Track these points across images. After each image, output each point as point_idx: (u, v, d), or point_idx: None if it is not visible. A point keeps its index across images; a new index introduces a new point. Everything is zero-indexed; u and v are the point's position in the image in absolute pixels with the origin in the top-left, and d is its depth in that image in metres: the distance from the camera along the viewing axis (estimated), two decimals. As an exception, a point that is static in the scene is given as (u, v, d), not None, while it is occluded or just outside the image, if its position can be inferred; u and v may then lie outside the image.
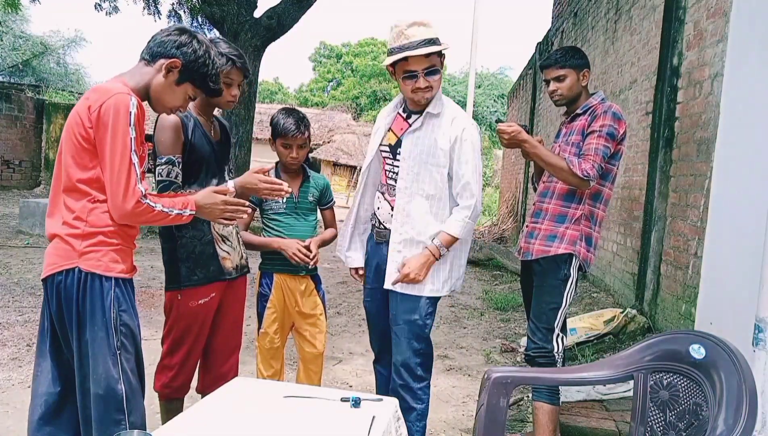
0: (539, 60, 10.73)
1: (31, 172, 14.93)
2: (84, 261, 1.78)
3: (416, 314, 2.42)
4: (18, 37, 24.19)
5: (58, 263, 1.79)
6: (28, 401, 1.94)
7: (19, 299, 5.27)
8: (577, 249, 2.57)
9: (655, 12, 4.99)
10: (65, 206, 1.82)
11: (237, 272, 2.43)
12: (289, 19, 9.56)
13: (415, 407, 2.46)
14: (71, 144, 1.80)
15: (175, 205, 1.87)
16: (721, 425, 1.58)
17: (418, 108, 2.41)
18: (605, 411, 3.15)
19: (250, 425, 1.67)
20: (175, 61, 1.87)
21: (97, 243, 1.80)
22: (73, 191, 1.81)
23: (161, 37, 1.90)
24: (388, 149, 2.47)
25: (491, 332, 5.18)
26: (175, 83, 1.90)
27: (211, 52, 1.95)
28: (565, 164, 2.49)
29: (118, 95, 1.75)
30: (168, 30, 1.94)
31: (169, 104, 1.94)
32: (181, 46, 1.88)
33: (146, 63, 1.90)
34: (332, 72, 36.77)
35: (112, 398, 1.79)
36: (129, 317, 1.86)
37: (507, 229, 12.18)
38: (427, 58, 2.27)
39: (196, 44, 1.90)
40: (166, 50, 1.88)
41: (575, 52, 2.68)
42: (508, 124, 2.56)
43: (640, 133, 5.12)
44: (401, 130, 2.44)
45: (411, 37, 2.24)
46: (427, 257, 2.36)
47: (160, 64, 1.87)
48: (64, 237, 1.80)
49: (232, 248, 2.39)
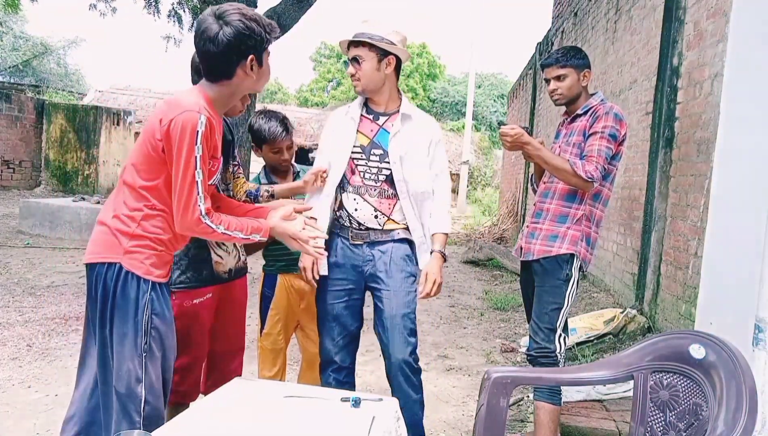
0: (539, 60, 10.74)
1: (31, 172, 14.92)
2: (127, 259, 1.81)
3: (410, 308, 2.47)
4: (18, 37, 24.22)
5: (102, 253, 1.82)
6: (29, 401, 1.94)
7: (19, 299, 5.27)
8: (578, 249, 2.57)
9: (655, 12, 4.99)
10: (124, 201, 1.84)
11: (231, 275, 2.40)
12: (289, 19, 9.55)
13: (416, 398, 2.50)
14: (143, 149, 1.82)
15: (242, 228, 1.89)
16: (721, 425, 1.58)
17: (374, 105, 2.52)
18: (605, 411, 3.15)
19: (250, 425, 1.67)
20: (251, 57, 1.80)
21: (143, 246, 1.83)
22: (134, 190, 1.83)
23: (216, 50, 1.77)
24: (360, 150, 2.49)
25: (491, 332, 5.18)
26: (259, 66, 1.85)
27: (251, 19, 1.81)
28: (568, 166, 2.49)
29: (187, 113, 1.74)
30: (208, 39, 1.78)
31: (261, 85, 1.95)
32: (245, 39, 1.78)
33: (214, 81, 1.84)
34: (332, 72, 36.78)
35: (132, 398, 1.80)
36: (161, 322, 1.87)
37: (507, 229, 12.18)
38: (355, 48, 2.41)
39: (244, 25, 1.77)
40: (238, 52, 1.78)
41: (576, 52, 2.68)
42: (511, 127, 2.55)
43: (640, 133, 5.12)
44: (372, 131, 2.49)
45: (356, 30, 2.43)
46: (439, 261, 2.49)
47: (243, 69, 1.81)
48: (113, 230, 1.82)
49: (226, 252, 2.35)
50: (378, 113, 2.52)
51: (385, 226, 2.48)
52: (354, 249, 2.49)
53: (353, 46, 2.42)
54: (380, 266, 2.46)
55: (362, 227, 2.48)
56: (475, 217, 16.70)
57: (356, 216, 2.48)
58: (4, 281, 5.94)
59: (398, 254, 2.48)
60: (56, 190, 14.46)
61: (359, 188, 2.48)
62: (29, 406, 3.12)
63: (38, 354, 3.95)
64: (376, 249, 2.48)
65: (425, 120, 2.58)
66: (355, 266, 2.49)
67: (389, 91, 2.50)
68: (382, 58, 2.41)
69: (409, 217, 2.49)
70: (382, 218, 2.47)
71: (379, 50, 2.39)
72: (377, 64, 2.41)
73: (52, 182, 14.75)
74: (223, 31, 1.75)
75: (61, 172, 14.86)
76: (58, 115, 14.67)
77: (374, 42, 2.37)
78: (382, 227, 2.48)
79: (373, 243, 2.48)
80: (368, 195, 2.47)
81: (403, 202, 2.47)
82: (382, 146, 2.47)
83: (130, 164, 1.86)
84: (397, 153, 2.45)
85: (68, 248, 7.79)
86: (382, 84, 2.46)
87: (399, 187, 2.45)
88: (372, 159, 2.47)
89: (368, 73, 2.42)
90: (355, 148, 2.49)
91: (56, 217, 8.75)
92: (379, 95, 2.50)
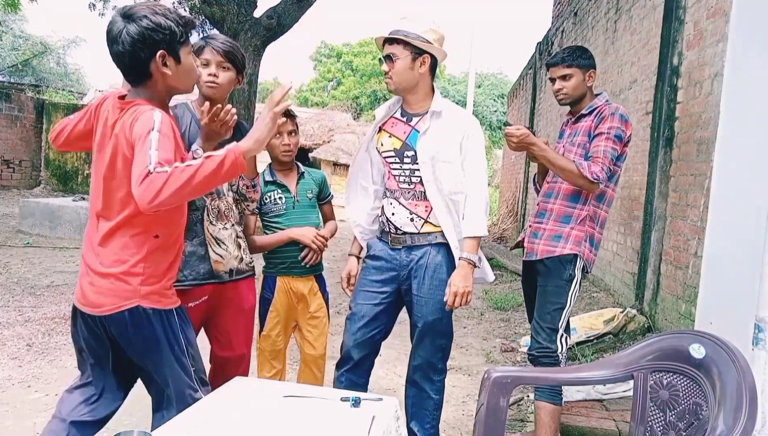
0: (539, 60, 10.73)
1: (31, 172, 14.93)
2: (145, 300, 1.78)
3: (438, 315, 2.42)
4: (18, 37, 24.19)
5: (117, 303, 1.77)
6: (28, 400, 1.94)
7: (19, 299, 5.27)
8: (581, 250, 2.57)
9: (655, 12, 4.98)
10: (122, 246, 1.79)
11: (231, 276, 2.32)
12: (289, 18, 9.54)
13: (433, 398, 2.51)
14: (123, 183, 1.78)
15: (197, 157, 1.66)
16: (721, 425, 1.58)
17: (408, 107, 2.47)
18: (605, 411, 3.14)
19: (250, 425, 1.67)
20: (161, 53, 1.75)
21: (158, 285, 1.81)
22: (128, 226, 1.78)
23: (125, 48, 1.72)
24: (394, 154, 2.46)
25: (491, 332, 5.18)
26: (176, 63, 1.78)
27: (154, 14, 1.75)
28: (574, 167, 2.48)
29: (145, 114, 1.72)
30: (118, 38, 1.73)
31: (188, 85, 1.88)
32: (151, 34, 1.72)
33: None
34: (332, 71, 36.72)
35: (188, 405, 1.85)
36: (190, 332, 1.91)
37: (507, 229, 12.18)
38: (390, 45, 2.35)
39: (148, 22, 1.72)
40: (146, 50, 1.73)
41: (582, 52, 2.67)
42: (517, 128, 2.53)
43: (640, 133, 5.12)
44: (404, 133, 2.45)
45: (393, 27, 2.37)
46: (465, 269, 2.36)
47: (156, 66, 1.76)
48: (120, 276, 1.77)
49: (227, 252, 2.29)
50: (411, 115, 2.46)
51: (423, 229, 2.43)
52: (393, 253, 2.48)
53: (388, 43, 2.35)
54: (415, 272, 2.43)
55: (399, 232, 2.46)
56: (475, 216, 16.66)
57: (393, 220, 2.46)
58: (4, 280, 5.94)
59: (434, 260, 2.41)
60: (56, 189, 14.47)
61: (395, 192, 2.47)
62: (29, 406, 3.12)
63: (38, 354, 3.95)
64: (413, 254, 2.44)
65: (457, 114, 2.46)
66: (393, 268, 2.48)
67: (424, 91, 2.43)
68: (417, 56, 2.34)
69: (443, 220, 2.40)
70: (419, 221, 2.43)
71: (414, 48, 2.33)
72: (411, 62, 2.34)
73: (52, 182, 14.76)
74: (127, 29, 1.70)
75: (60, 172, 14.88)
76: (58, 115, 14.66)
77: (409, 39, 2.31)
78: (419, 230, 2.43)
79: (411, 248, 2.45)
80: (403, 199, 2.44)
81: (435, 204, 2.39)
82: (413, 147, 2.42)
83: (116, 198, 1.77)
84: (427, 153, 2.38)
85: (68, 248, 7.79)
86: (415, 83, 2.39)
87: (429, 189, 2.39)
88: (405, 162, 2.43)
89: (401, 71, 2.35)
90: (389, 153, 2.47)
91: (56, 216, 8.75)
92: (413, 95, 2.43)
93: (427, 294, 2.41)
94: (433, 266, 2.41)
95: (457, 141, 2.39)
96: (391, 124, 2.50)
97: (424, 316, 2.42)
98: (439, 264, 2.41)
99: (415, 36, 2.32)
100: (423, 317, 2.42)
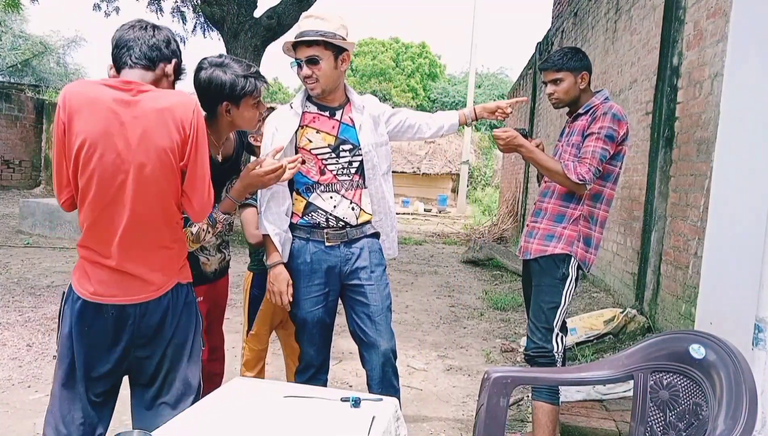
0: (539, 60, 10.73)
1: (31, 172, 14.94)
2: (180, 275, 1.89)
3: (390, 299, 2.52)
4: (18, 36, 24.20)
5: (164, 287, 1.83)
6: (28, 400, 1.94)
7: (19, 299, 5.28)
8: (573, 250, 2.57)
9: (655, 12, 4.99)
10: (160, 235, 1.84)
11: (216, 275, 2.42)
12: (289, 18, 9.55)
13: (398, 388, 2.52)
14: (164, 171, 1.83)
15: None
16: (721, 425, 1.58)
17: (325, 102, 2.44)
18: (605, 411, 3.15)
19: (250, 425, 1.67)
20: (176, 62, 1.86)
21: (183, 256, 1.93)
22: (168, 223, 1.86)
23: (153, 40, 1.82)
24: (329, 149, 2.41)
25: (491, 332, 5.18)
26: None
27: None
28: (560, 168, 2.51)
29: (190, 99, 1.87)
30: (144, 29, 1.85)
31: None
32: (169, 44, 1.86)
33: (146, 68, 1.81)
34: (332, 72, 36.70)
35: (190, 394, 1.91)
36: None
37: (507, 229, 12.18)
38: (309, 48, 2.29)
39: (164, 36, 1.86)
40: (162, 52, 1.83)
41: (573, 54, 2.65)
42: (503, 130, 2.59)
43: (640, 133, 5.12)
44: (333, 128, 2.43)
45: (302, 28, 2.32)
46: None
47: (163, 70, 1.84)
48: (167, 262, 1.85)
49: (211, 256, 2.36)
50: (332, 108, 2.45)
51: (360, 218, 2.46)
52: (329, 251, 2.44)
53: (305, 46, 2.30)
54: (360, 262, 2.45)
55: (340, 225, 2.43)
56: (475, 217, 16.71)
57: (336, 213, 2.42)
58: (4, 280, 5.94)
59: (373, 248, 2.51)
60: (56, 190, 14.46)
61: (334, 185, 2.43)
62: (29, 406, 3.12)
63: (38, 354, 3.95)
64: (352, 247, 2.46)
65: (369, 102, 2.55)
66: (331, 267, 2.44)
67: (341, 86, 2.45)
68: (338, 55, 2.33)
69: (376, 200, 2.50)
70: (357, 209, 2.45)
71: (335, 48, 2.31)
72: (334, 62, 2.32)
73: (52, 182, 14.75)
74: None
75: (61, 172, 14.86)
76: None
77: (329, 39, 2.28)
78: (357, 219, 2.45)
79: (349, 242, 2.45)
80: (344, 190, 2.44)
81: (372, 187, 2.48)
82: (351, 141, 2.42)
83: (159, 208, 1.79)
84: (370, 144, 2.44)
85: (68, 248, 7.79)
86: (339, 82, 2.41)
87: (368, 175, 2.46)
88: (342, 155, 2.42)
89: (328, 72, 2.31)
90: (321, 149, 2.41)
91: (56, 217, 8.75)
92: (334, 93, 2.43)
93: (377, 280, 2.47)
94: (375, 253, 2.51)
95: (380, 122, 2.54)
96: (312, 120, 2.43)
97: (379, 301, 2.47)
98: (378, 252, 2.53)
99: (332, 35, 2.30)
100: (377, 302, 2.46)
